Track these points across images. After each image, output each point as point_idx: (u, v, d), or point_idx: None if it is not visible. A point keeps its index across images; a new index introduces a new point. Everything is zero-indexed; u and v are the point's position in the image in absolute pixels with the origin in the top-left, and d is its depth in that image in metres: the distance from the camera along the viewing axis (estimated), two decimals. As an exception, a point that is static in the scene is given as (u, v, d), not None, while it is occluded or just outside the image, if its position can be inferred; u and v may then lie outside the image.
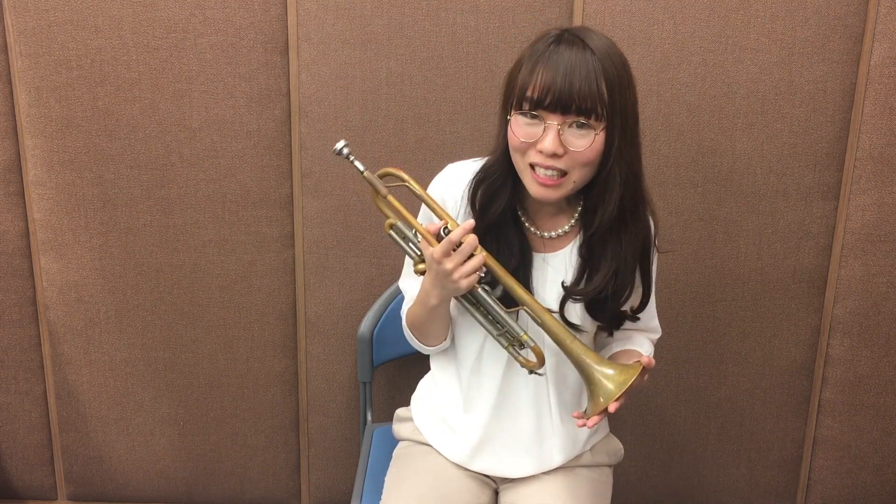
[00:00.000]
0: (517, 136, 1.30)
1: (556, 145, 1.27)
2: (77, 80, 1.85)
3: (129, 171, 1.91)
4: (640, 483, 2.12)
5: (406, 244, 1.40)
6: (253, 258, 1.97)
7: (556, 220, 1.43)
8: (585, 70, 1.25)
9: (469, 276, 1.30)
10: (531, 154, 1.30)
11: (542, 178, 1.30)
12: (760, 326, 1.99)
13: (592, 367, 1.31)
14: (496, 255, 1.36)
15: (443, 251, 1.28)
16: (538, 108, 1.27)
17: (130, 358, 2.05)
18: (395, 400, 2.03)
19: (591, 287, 1.38)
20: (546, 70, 1.26)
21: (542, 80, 1.26)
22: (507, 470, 1.50)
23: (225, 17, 1.82)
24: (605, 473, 1.57)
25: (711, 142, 1.87)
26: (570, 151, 1.28)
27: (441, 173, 1.47)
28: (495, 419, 1.48)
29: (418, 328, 1.47)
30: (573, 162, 1.29)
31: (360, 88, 1.85)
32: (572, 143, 1.28)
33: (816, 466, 2.10)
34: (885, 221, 1.91)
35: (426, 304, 1.39)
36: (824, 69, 1.82)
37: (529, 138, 1.29)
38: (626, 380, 1.28)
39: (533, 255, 1.41)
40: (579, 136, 1.28)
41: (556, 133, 1.27)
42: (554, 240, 1.43)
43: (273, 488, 2.15)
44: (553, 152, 1.27)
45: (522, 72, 1.29)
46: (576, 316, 1.42)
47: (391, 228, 1.40)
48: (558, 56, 1.26)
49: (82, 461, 2.14)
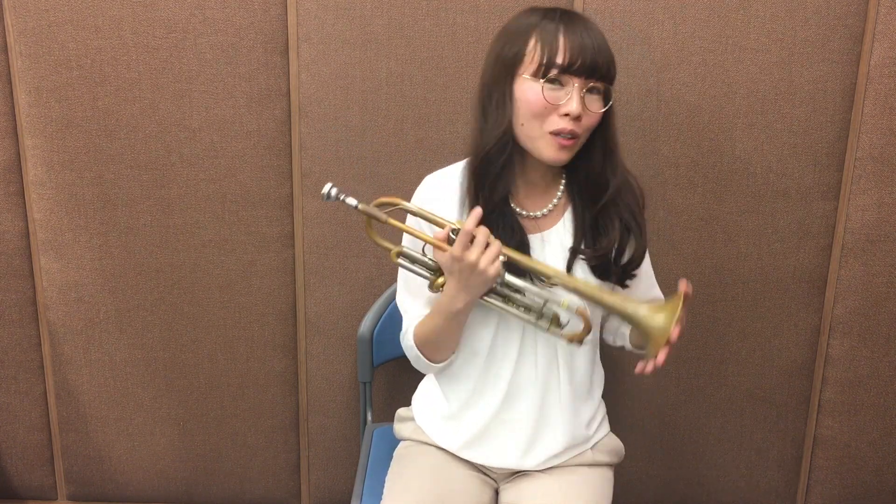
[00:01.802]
0: (542, 101, 1.32)
1: (581, 107, 1.32)
2: (77, 80, 1.86)
3: (129, 171, 1.92)
4: (640, 483, 2.13)
5: (417, 266, 1.41)
6: (253, 258, 1.98)
7: (543, 198, 1.46)
8: (602, 38, 1.34)
9: (494, 263, 1.31)
10: (552, 120, 1.33)
11: (565, 142, 1.34)
12: (760, 326, 1.99)
13: (637, 311, 1.32)
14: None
15: (462, 245, 1.30)
16: (566, 72, 1.31)
17: (130, 358, 2.05)
18: (395, 400, 2.03)
19: (601, 248, 1.42)
20: (572, 37, 1.31)
21: (570, 45, 1.31)
22: (509, 460, 1.50)
23: (225, 17, 1.82)
24: (606, 473, 1.57)
25: (711, 142, 1.87)
26: (587, 114, 1.34)
27: (421, 186, 1.48)
28: (503, 410, 1.48)
29: (433, 343, 1.46)
30: (586, 125, 1.35)
31: (360, 88, 1.85)
32: (591, 106, 1.35)
33: (816, 466, 2.10)
34: (885, 221, 1.91)
35: (450, 310, 1.38)
36: (824, 69, 1.82)
37: (555, 101, 1.32)
38: (674, 308, 1.29)
39: (529, 238, 1.43)
40: (594, 100, 1.35)
41: (580, 95, 1.32)
42: (545, 218, 1.46)
43: (273, 488, 2.15)
44: (578, 113, 1.32)
45: (538, 41, 1.32)
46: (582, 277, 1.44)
47: (398, 256, 1.41)
48: (576, 26, 1.33)
49: (82, 461, 2.14)
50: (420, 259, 1.41)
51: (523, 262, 1.35)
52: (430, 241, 1.34)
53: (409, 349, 1.50)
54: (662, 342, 1.29)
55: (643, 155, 1.88)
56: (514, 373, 1.47)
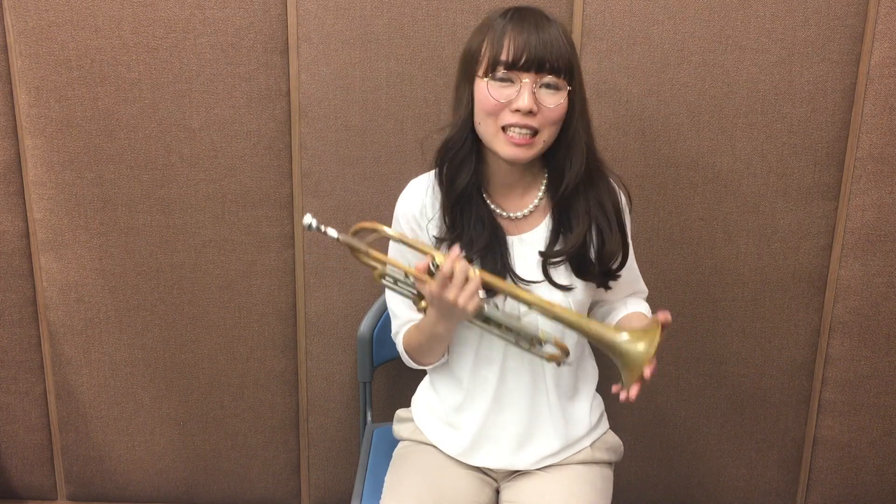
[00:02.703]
0: (492, 99, 1.34)
1: (532, 102, 1.32)
2: (77, 80, 1.86)
3: (129, 171, 1.91)
4: (640, 483, 2.13)
5: (401, 287, 1.42)
6: (253, 258, 1.97)
7: (522, 199, 1.47)
8: (554, 33, 1.33)
9: (473, 300, 1.32)
10: (504, 116, 1.34)
11: (517, 139, 1.34)
12: (760, 326, 1.99)
13: (615, 340, 1.33)
14: (467, 234, 1.40)
15: (440, 285, 1.31)
16: (512, 68, 1.32)
17: (130, 358, 2.05)
18: (395, 400, 2.03)
19: (568, 245, 1.42)
20: (518, 34, 1.32)
21: (515, 43, 1.31)
22: (508, 462, 1.50)
23: (225, 17, 1.82)
24: (606, 471, 1.57)
25: (711, 142, 1.87)
26: (542, 109, 1.33)
27: (403, 191, 1.50)
28: (494, 411, 1.49)
29: (419, 352, 1.50)
30: (545, 120, 1.34)
31: (360, 88, 1.85)
32: (546, 101, 1.33)
33: (816, 466, 2.10)
34: (885, 221, 1.91)
35: (433, 333, 1.41)
36: (824, 69, 1.82)
37: (504, 99, 1.33)
38: (651, 341, 1.30)
39: (508, 238, 1.44)
40: (550, 94, 1.34)
41: (531, 90, 1.32)
42: (525, 219, 1.46)
43: (273, 488, 2.15)
44: (529, 109, 1.32)
45: (488, 43, 1.34)
46: (564, 278, 1.44)
47: (382, 278, 1.41)
48: (524, 22, 1.33)
49: (82, 461, 2.14)
50: (403, 281, 1.42)
51: (504, 289, 1.35)
52: (411, 273, 1.35)
53: (399, 352, 1.55)
54: (638, 374, 1.30)
55: (643, 155, 1.88)
56: (501, 376, 1.48)
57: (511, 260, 1.43)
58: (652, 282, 1.93)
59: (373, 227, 1.38)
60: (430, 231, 1.45)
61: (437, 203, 1.45)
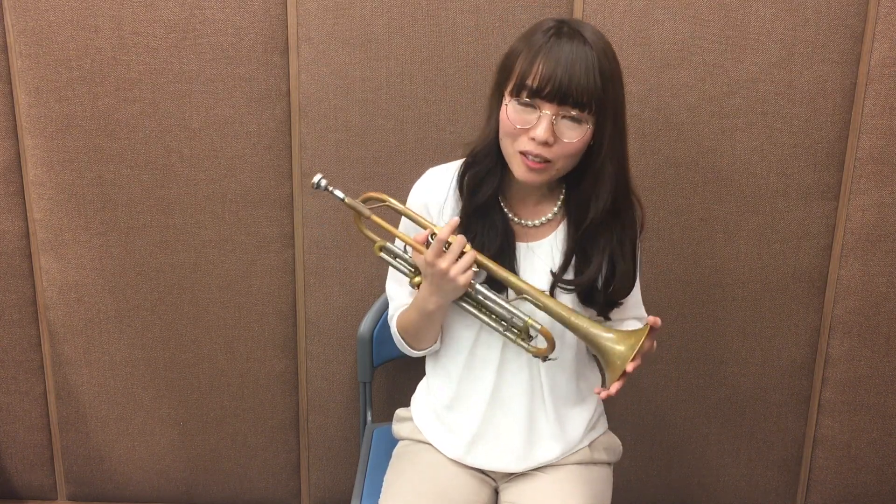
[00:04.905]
0: (511, 122, 1.33)
1: (548, 134, 1.30)
2: (77, 80, 1.86)
3: (129, 171, 1.92)
4: (640, 483, 2.13)
5: (398, 261, 1.43)
6: (253, 258, 1.98)
7: (538, 208, 1.46)
8: (585, 64, 1.29)
9: (465, 273, 1.33)
10: (522, 141, 1.33)
11: (531, 163, 1.34)
12: (760, 326, 1.99)
13: (601, 337, 1.33)
14: (479, 239, 1.40)
15: (435, 252, 1.32)
16: (535, 96, 1.30)
17: (130, 358, 2.05)
18: (395, 400, 2.03)
19: (584, 279, 1.42)
20: (547, 61, 1.29)
21: (542, 70, 1.29)
22: (504, 464, 1.50)
23: (225, 17, 1.82)
24: (605, 472, 1.57)
25: (711, 142, 1.87)
26: (559, 142, 1.32)
27: (421, 178, 1.50)
28: (490, 414, 1.49)
29: (412, 334, 1.50)
30: (560, 152, 1.33)
31: (360, 88, 1.85)
32: (564, 134, 1.32)
33: (816, 466, 2.10)
34: (885, 221, 1.91)
35: (424, 309, 1.42)
36: (824, 69, 1.82)
37: (524, 125, 1.32)
38: (637, 340, 1.31)
39: (517, 245, 1.44)
40: (571, 127, 1.32)
41: (550, 122, 1.30)
42: (537, 228, 1.46)
43: (273, 488, 2.15)
44: (545, 140, 1.30)
45: (521, 60, 1.32)
46: (568, 301, 1.44)
47: (381, 250, 1.43)
48: (559, 48, 1.30)
49: (82, 461, 2.14)
50: (401, 255, 1.44)
51: (498, 272, 1.36)
52: (409, 242, 1.36)
53: (393, 334, 1.55)
54: (619, 373, 1.31)
55: (643, 155, 1.88)
56: (497, 377, 1.48)
57: (518, 266, 1.43)
58: (652, 282, 1.94)
59: (381, 198, 1.39)
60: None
61: (452, 201, 1.45)
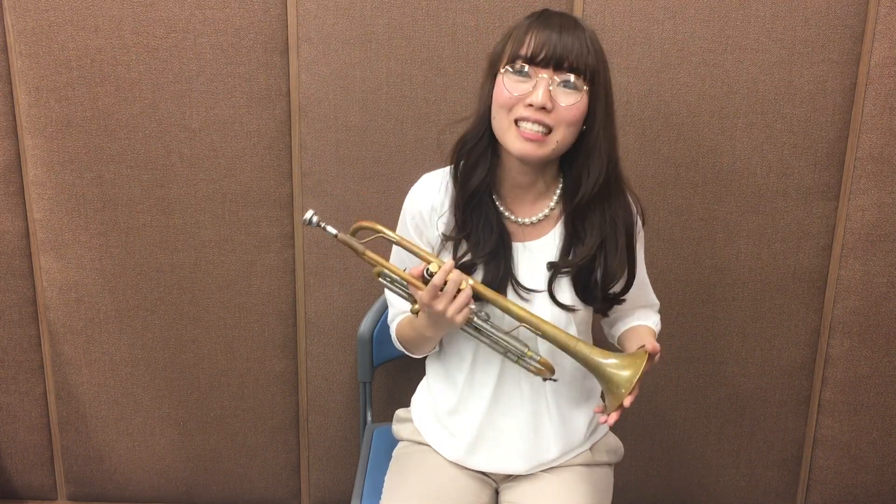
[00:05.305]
0: (507, 91, 1.33)
1: (546, 98, 1.31)
2: (77, 80, 1.86)
3: (129, 171, 1.92)
4: (640, 483, 2.13)
5: (397, 287, 1.42)
6: (253, 258, 1.98)
7: (534, 206, 1.45)
8: (578, 33, 1.32)
9: (462, 311, 1.33)
10: (518, 109, 1.33)
11: (528, 134, 1.33)
12: (760, 326, 1.99)
13: (602, 365, 1.34)
14: (474, 239, 1.40)
15: (430, 295, 1.32)
16: (530, 63, 1.31)
17: (130, 358, 2.05)
18: (395, 400, 2.03)
19: (578, 257, 1.41)
20: (539, 32, 1.32)
21: (535, 40, 1.31)
22: (505, 466, 1.50)
23: (225, 17, 1.82)
24: (606, 472, 1.57)
25: (711, 142, 1.87)
26: (557, 107, 1.32)
27: (416, 184, 1.50)
28: (492, 416, 1.49)
29: (410, 346, 1.52)
30: (559, 119, 1.33)
31: (360, 88, 1.85)
32: (561, 99, 1.32)
33: (816, 466, 2.10)
34: (885, 221, 1.91)
35: (422, 335, 1.43)
36: (824, 69, 1.82)
37: (519, 92, 1.32)
38: (636, 371, 1.31)
39: (514, 245, 1.43)
40: (567, 94, 1.32)
41: (547, 86, 1.31)
42: (534, 227, 1.45)
43: (273, 488, 2.15)
44: (543, 105, 1.30)
45: (512, 39, 1.35)
46: (567, 297, 1.43)
47: (380, 276, 1.42)
48: (549, 20, 1.33)
49: (82, 461, 2.14)
50: (399, 282, 1.42)
51: (497, 301, 1.36)
52: (405, 278, 1.35)
53: (392, 337, 1.57)
54: (620, 399, 1.31)
55: (643, 155, 1.88)
56: (499, 381, 1.48)
57: (514, 267, 1.42)
58: (652, 282, 1.93)
59: (372, 227, 1.38)
60: (439, 228, 1.44)
61: (447, 201, 1.44)
